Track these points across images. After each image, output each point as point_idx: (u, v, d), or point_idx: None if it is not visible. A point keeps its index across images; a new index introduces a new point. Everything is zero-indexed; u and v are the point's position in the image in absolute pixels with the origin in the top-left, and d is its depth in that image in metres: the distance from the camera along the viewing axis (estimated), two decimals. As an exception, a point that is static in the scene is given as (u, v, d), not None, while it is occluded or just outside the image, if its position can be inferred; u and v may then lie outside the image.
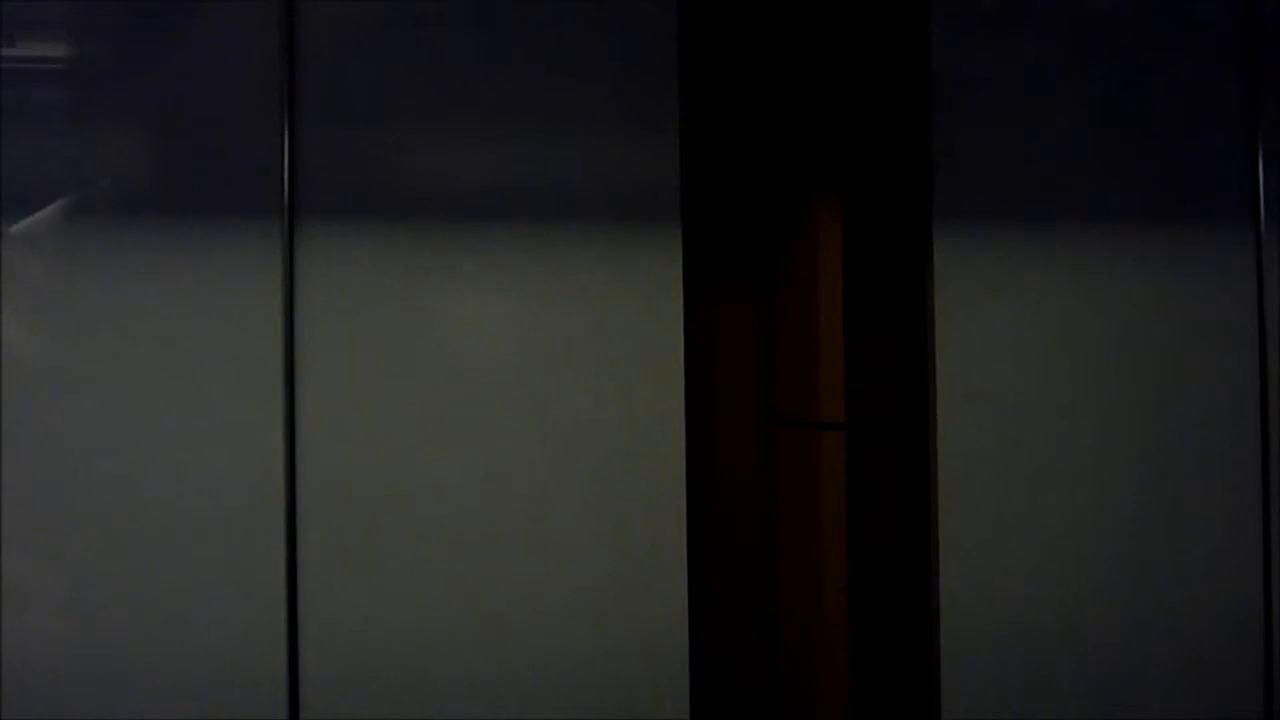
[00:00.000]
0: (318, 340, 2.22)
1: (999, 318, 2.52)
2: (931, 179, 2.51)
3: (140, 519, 2.15)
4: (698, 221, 2.55)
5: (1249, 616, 2.59)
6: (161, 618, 2.15)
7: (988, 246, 2.52)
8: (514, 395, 2.29)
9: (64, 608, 2.13)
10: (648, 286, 2.35)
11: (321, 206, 2.23)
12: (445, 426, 2.26)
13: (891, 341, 2.64)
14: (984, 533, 2.50)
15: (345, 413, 2.23)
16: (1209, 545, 2.58)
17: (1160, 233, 2.59)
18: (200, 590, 2.16)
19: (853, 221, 2.63)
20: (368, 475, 2.23)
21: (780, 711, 2.77)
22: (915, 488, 2.57)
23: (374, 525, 2.23)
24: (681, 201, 2.37)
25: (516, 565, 2.28)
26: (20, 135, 2.13)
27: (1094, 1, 2.59)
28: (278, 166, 2.21)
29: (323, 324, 2.23)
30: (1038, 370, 2.53)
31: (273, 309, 2.20)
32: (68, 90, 2.17)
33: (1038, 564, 2.52)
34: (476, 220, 2.30)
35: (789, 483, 2.73)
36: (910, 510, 2.58)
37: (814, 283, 2.55)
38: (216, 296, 2.19)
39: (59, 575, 2.13)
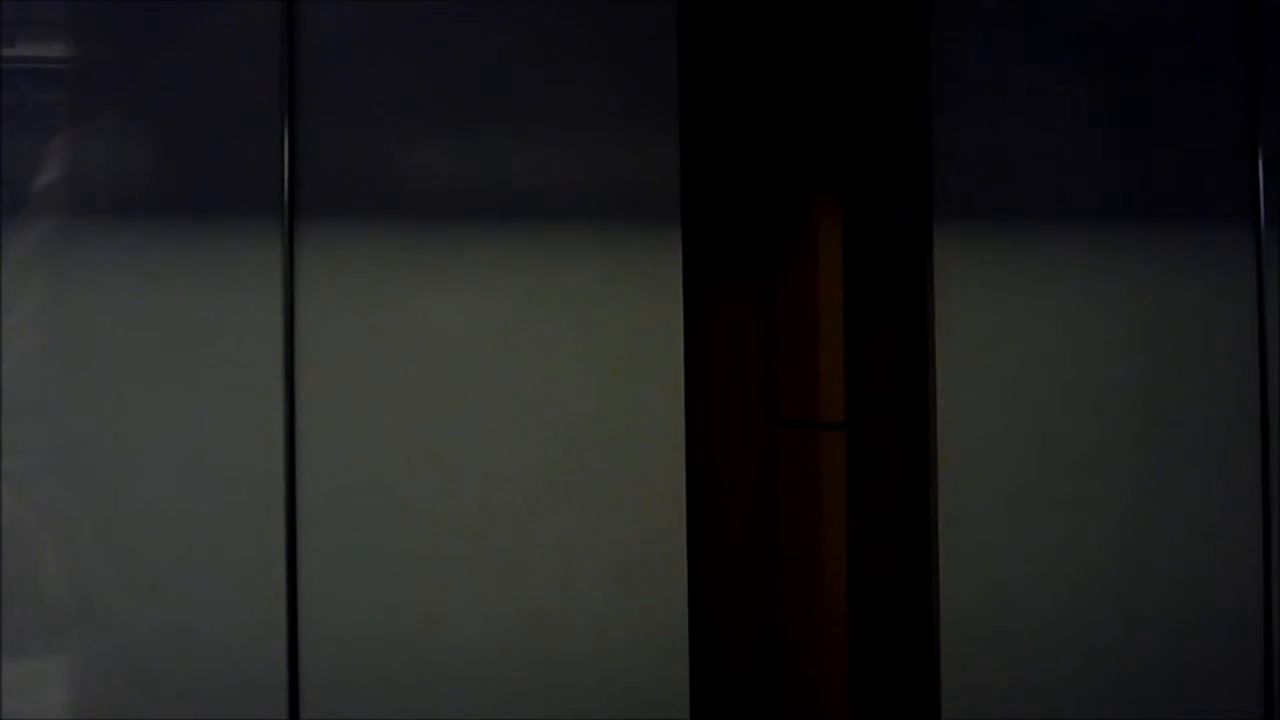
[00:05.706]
0: (318, 340, 2.22)
1: (999, 318, 2.52)
2: (931, 179, 2.51)
3: (140, 519, 2.14)
4: (698, 221, 2.55)
5: (1249, 616, 2.59)
6: (161, 617, 2.15)
7: (988, 246, 2.52)
8: (514, 395, 2.29)
9: (64, 607, 2.12)
10: (648, 286, 2.35)
11: (321, 206, 2.23)
12: (445, 426, 2.26)
13: (891, 341, 2.64)
14: (984, 533, 2.50)
15: (345, 412, 2.23)
16: (1209, 545, 2.58)
17: (1160, 233, 2.59)
18: (200, 590, 2.16)
19: (853, 221, 2.63)
20: (368, 474, 2.23)
21: (780, 711, 2.77)
22: (915, 488, 2.57)
23: (374, 525, 2.23)
24: (681, 201, 2.37)
25: (516, 566, 2.28)
26: (20, 135, 2.13)
27: (1094, 1, 2.59)
28: (278, 166, 2.21)
29: (323, 324, 2.23)
30: (1037, 370, 2.53)
31: (273, 309, 2.20)
32: (68, 90, 2.17)
33: (1038, 564, 2.52)
34: (476, 220, 2.30)
35: (789, 483, 2.73)
36: (910, 510, 2.58)
37: (814, 283, 2.55)
38: (216, 296, 2.19)
39: (59, 575, 2.12)
